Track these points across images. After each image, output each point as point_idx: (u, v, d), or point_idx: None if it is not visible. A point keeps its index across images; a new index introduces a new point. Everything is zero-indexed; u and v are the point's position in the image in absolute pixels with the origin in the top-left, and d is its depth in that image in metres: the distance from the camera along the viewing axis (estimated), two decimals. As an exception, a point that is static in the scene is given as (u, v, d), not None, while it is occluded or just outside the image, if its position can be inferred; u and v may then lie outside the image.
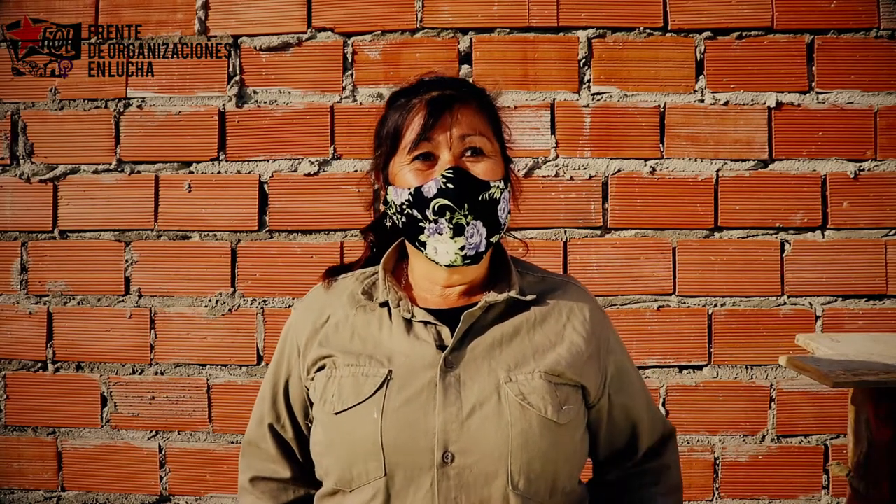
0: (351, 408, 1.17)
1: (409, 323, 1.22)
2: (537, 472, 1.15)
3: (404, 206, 1.20)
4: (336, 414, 1.18)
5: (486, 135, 1.21)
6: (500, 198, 1.20)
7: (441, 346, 1.19)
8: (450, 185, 1.16)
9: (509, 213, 1.25)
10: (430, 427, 1.14)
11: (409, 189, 1.19)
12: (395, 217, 1.24)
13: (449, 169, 1.17)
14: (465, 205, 1.17)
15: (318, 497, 1.26)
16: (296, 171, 2.21)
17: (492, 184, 1.19)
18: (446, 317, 1.22)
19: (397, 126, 1.22)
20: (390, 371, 1.18)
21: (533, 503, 1.15)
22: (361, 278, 1.31)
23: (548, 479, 1.16)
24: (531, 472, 1.14)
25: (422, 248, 1.21)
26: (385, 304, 1.24)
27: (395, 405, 1.15)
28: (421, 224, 1.19)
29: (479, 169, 1.19)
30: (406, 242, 1.28)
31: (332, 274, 1.35)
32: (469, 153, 1.19)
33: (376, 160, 1.28)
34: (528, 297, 1.25)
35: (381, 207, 1.32)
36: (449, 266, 1.20)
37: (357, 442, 1.16)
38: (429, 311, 1.23)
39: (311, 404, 1.26)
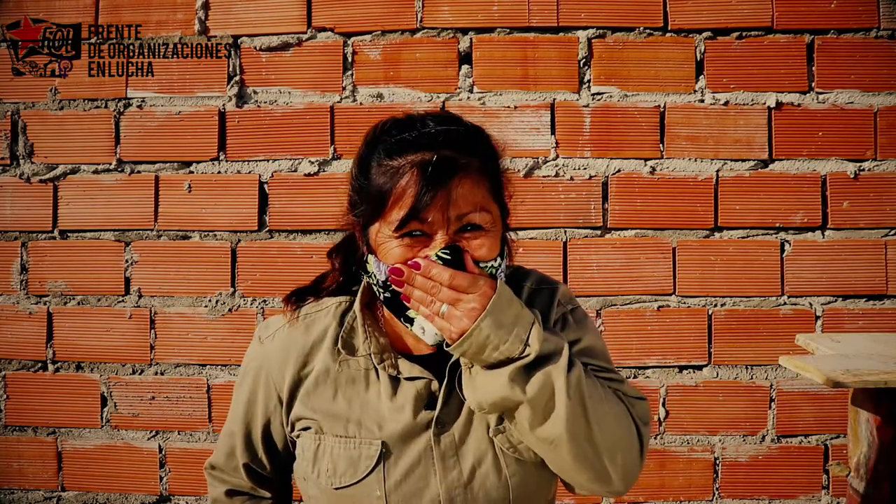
0: (351, 485, 1.15)
1: (396, 380, 1.17)
2: (534, 502, 1.19)
3: (389, 284, 1.08)
4: (336, 489, 1.16)
5: (486, 208, 1.08)
6: (495, 276, 1.09)
7: (430, 405, 1.15)
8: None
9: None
10: (434, 495, 1.14)
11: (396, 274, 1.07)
12: (376, 289, 1.13)
13: (444, 250, 1.05)
14: None
15: None
16: (296, 171, 2.21)
17: (487, 265, 1.08)
18: (435, 362, 1.16)
19: (383, 192, 1.07)
20: (384, 443, 1.14)
21: None
22: (337, 315, 1.21)
23: (542, 500, 1.21)
24: None
25: (408, 325, 1.11)
26: (369, 355, 1.17)
27: (395, 479, 1.14)
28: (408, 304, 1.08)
29: (476, 246, 1.07)
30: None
31: (298, 298, 1.24)
32: (466, 229, 1.07)
33: (356, 215, 1.15)
34: None
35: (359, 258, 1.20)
36: (435, 344, 1.10)
37: None
38: (416, 358, 1.18)
39: (296, 454, 1.23)
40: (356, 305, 1.20)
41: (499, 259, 1.10)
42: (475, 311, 1.02)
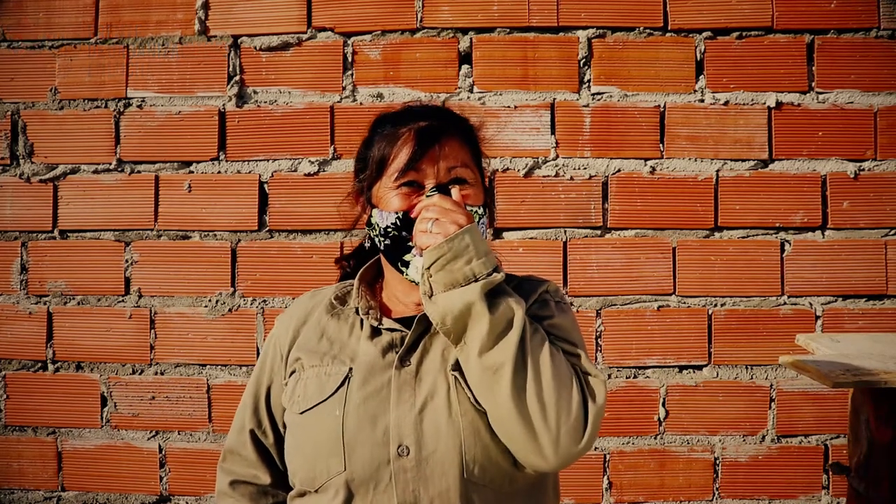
0: (315, 406, 1.22)
1: (376, 330, 1.26)
2: (492, 460, 1.16)
3: (389, 229, 1.24)
4: (301, 413, 1.23)
5: (469, 166, 1.26)
6: (479, 223, 1.23)
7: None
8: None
9: (485, 237, 1.27)
10: (386, 423, 1.17)
11: (398, 213, 1.23)
12: (377, 239, 1.27)
13: (433, 188, 1.21)
14: None
15: (288, 499, 1.29)
16: (296, 170, 2.21)
17: (472, 208, 1.23)
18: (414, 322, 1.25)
19: (385, 153, 1.26)
20: (351, 369, 1.23)
21: (489, 490, 1.17)
22: (339, 288, 1.37)
23: (503, 464, 1.17)
24: (486, 460, 1.16)
25: (403, 269, 1.24)
26: (356, 311, 1.30)
27: (356, 402, 1.19)
28: (409, 244, 1.22)
29: (462, 194, 1.23)
30: (385, 266, 1.31)
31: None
32: (453, 183, 1.23)
33: (360, 183, 1.32)
34: None
35: (358, 228, 1.37)
36: None
37: (320, 440, 1.19)
38: (399, 319, 1.27)
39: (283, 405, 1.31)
40: (357, 276, 1.34)
41: (482, 209, 1.25)
42: (459, 223, 1.15)
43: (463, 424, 1.16)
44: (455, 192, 1.20)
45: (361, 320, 1.28)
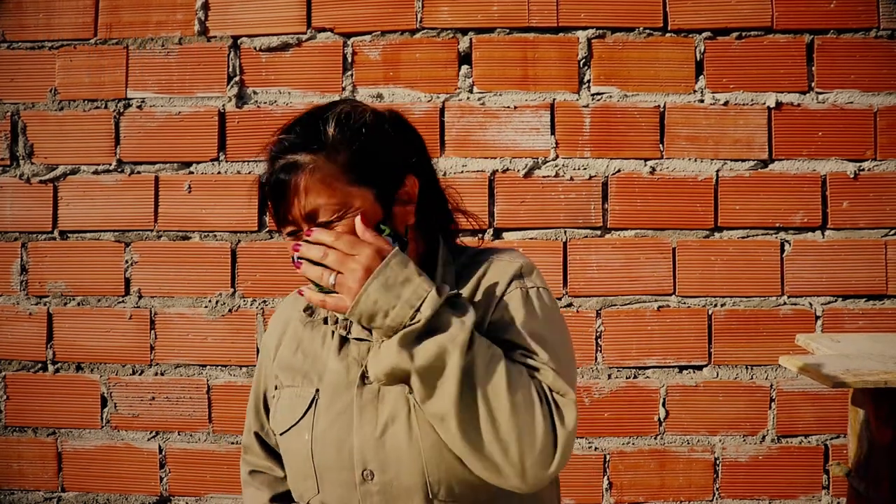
0: (288, 430, 1.22)
1: (345, 339, 1.22)
2: (459, 477, 1.12)
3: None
4: (280, 435, 1.24)
5: (336, 196, 1.10)
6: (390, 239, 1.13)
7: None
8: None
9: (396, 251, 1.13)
10: (351, 446, 1.15)
11: (292, 257, 1.13)
12: None
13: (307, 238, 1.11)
14: None
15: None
16: (296, 171, 2.20)
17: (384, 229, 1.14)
18: None
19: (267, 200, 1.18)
20: (317, 391, 1.20)
21: None
22: None
23: (472, 479, 1.11)
24: (452, 479, 1.12)
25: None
26: (325, 320, 1.26)
27: (322, 426, 1.18)
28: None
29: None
30: None
31: None
32: (332, 221, 1.11)
33: None
34: None
35: None
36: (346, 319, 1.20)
37: (296, 462, 1.21)
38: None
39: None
40: None
41: (381, 226, 1.13)
42: (363, 276, 1.04)
43: (423, 447, 1.11)
44: (357, 220, 1.09)
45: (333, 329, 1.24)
